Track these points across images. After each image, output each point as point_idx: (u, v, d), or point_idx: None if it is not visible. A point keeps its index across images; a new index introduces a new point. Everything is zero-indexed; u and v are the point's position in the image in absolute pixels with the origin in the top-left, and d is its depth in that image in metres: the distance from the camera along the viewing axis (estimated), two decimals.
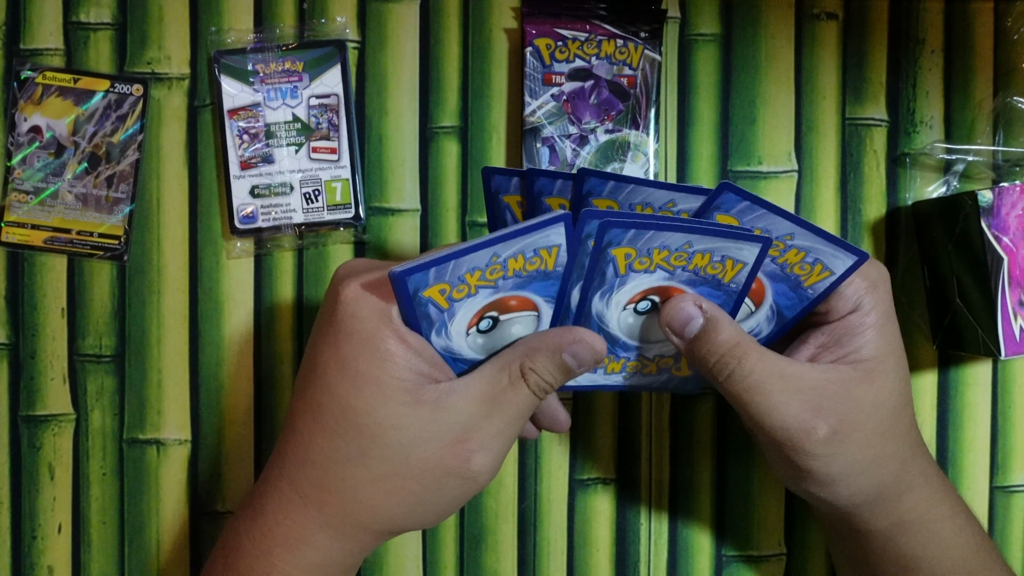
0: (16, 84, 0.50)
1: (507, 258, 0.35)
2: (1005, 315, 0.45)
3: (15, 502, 0.50)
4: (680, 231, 0.36)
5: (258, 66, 0.50)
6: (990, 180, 0.51)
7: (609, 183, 0.36)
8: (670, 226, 0.35)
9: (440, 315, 0.36)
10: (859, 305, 0.39)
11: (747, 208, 0.37)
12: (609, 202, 0.37)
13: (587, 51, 0.49)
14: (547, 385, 0.37)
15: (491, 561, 0.51)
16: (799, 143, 0.51)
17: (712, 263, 0.37)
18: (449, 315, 0.36)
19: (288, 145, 0.50)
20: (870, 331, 0.39)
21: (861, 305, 0.39)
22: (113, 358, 0.50)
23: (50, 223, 0.50)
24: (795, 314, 0.40)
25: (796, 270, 0.39)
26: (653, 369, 0.41)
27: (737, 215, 0.37)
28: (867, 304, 0.39)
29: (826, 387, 0.37)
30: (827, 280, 0.39)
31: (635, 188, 0.37)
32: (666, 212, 0.37)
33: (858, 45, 0.52)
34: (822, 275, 0.39)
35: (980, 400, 0.51)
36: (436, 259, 0.34)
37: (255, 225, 0.50)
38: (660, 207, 0.37)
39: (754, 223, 0.37)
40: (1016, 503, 0.51)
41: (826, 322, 0.40)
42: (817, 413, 0.37)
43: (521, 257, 0.35)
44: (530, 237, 0.35)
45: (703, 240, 0.36)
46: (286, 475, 0.37)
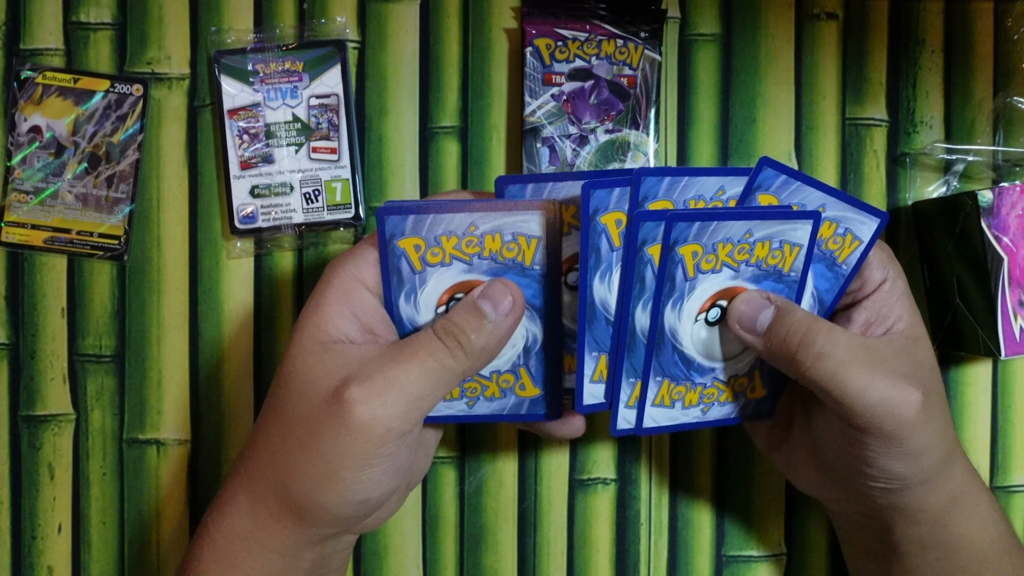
0: (16, 84, 0.50)
1: (484, 233, 0.35)
2: (1005, 315, 0.45)
3: (15, 502, 0.50)
4: (740, 219, 0.36)
5: (258, 66, 0.50)
6: (990, 180, 0.51)
7: (664, 179, 0.36)
8: (731, 215, 0.36)
9: (412, 277, 0.36)
10: (887, 275, 0.40)
11: (784, 183, 0.37)
12: (664, 203, 0.37)
13: (587, 51, 0.49)
14: (458, 331, 0.35)
15: (491, 561, 0.51)
16: (799, 143, 0.51)
17: (772, 252, 0.38)
18: (420, 280, 0.36)
19: (288, 145, 0.50)
20: (904, 298, 0.40)
21: (888, 274, 0.40)
22: (113, 358, 0.50)
23: (50, 223, 0.50)
24: (834, 296, 0.41)
25: (831, 245, 0.39)
26: (729, 395, 0.41)
27: (776, 192, 0.38)
28: (892, 272, 0.40)
29: (901, 355, 0.37)
30: (857, 251, 0.40)
31: (688, 182, 0.37)
32: (717, 203, 0.38)
33: (858, 45, 0.52)
34: (853, 245, 0.39)
35: (980, 400, 0.51)
36: (418, 206, 0.35)
37: (255, 225, 0.50)
38: (712, 198, 0.37)
39: (791, 199, 0.38)
40: (1016, 503, 0.51)
41: (861, 299, 0.40)
42: (907, 380, 0.36)
43: (499, 237, 0.36)
44: (509, 216, 0.35)
45: (762, 226, 0.37)
46: (242, 457, 0.38)
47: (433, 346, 0.35)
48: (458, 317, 0.35)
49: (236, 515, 0.36)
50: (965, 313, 0.47)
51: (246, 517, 0.36)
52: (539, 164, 0.49)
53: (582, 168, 0.49)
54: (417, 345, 0.35)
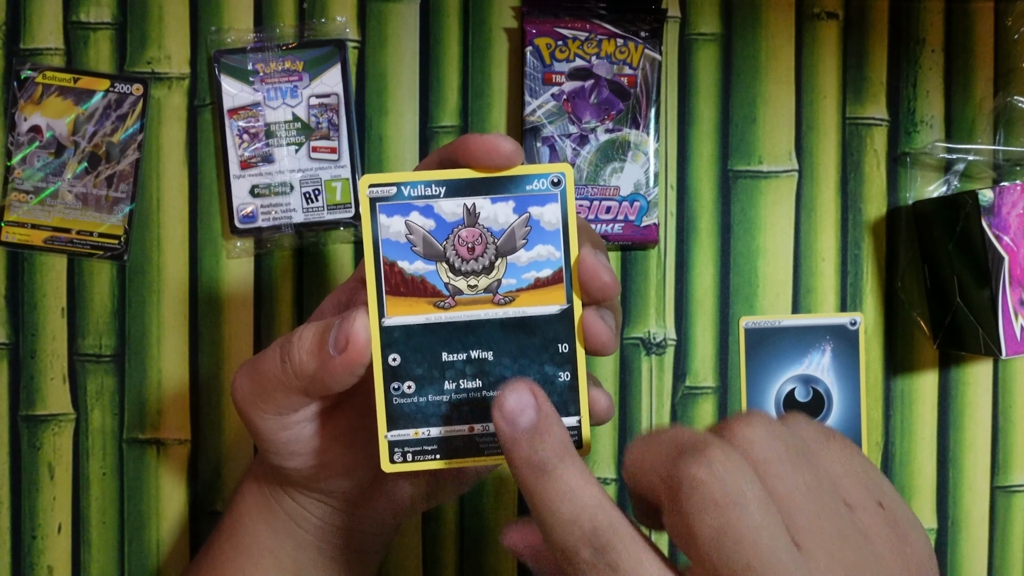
0: (16, 84, 0.50)
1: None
2: (1006, 314, 0.45)
3: (15, 502, 0.50)
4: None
5: (258, 66, 0.50)
6: (991, 179, 0.51)
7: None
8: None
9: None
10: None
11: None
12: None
13: (587, 50, 0.49)
14: (288, 344, 0.33)
15: (491, 561, 0.51)
16: (799, 142, 0.51)
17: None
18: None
19: (288, 145, 0.50)
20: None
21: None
22: (113, 358, 0.50)
23: (50, 223, 0.50)
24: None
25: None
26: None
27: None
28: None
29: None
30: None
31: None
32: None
33: (858, 44, 0.51)
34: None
35: (981, 400, 0.51)
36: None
37: (255, 225, 0.50)
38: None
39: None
40: (1017, 503, 0.51)
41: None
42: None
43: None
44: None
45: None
46: None
47: (278, 342, 0.34)
48: (304, 332, 0.34)
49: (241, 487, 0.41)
50: (966, 312, 0.47)
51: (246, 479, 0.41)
52: (539, 164, 0.49)
53: (583, 168, 0.49)
54: (269, 355, 0.34)
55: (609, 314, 0.33)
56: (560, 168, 0.32)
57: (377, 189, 0.32)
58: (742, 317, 0.51)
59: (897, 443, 0.51)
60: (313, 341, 0.33)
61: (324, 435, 0.36)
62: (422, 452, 0.33)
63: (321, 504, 0.39)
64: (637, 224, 0.49)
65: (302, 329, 0.34)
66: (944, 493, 0.51)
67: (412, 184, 0.32)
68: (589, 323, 0.32)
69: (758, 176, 0.51)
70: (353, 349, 0.31)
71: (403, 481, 0.39)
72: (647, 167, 0.49)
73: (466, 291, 0.33)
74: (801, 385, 0.51)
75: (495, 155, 0.31)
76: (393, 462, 0.33)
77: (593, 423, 0.33)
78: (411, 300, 0.32)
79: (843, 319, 0.51)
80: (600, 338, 0.32)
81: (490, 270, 0.33)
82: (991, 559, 0.51)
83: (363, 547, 0.41)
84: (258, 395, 0.34)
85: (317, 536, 0.40)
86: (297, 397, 0.34)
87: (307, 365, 0.33)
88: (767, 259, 0.51)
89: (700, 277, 0.51)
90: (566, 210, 0.32)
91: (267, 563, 0.40)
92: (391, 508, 0.40)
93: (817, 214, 0.51)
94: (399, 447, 0.33)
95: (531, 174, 0.32)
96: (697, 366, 0.51)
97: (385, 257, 0.32)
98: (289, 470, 0.37)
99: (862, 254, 0.51)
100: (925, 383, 0.51)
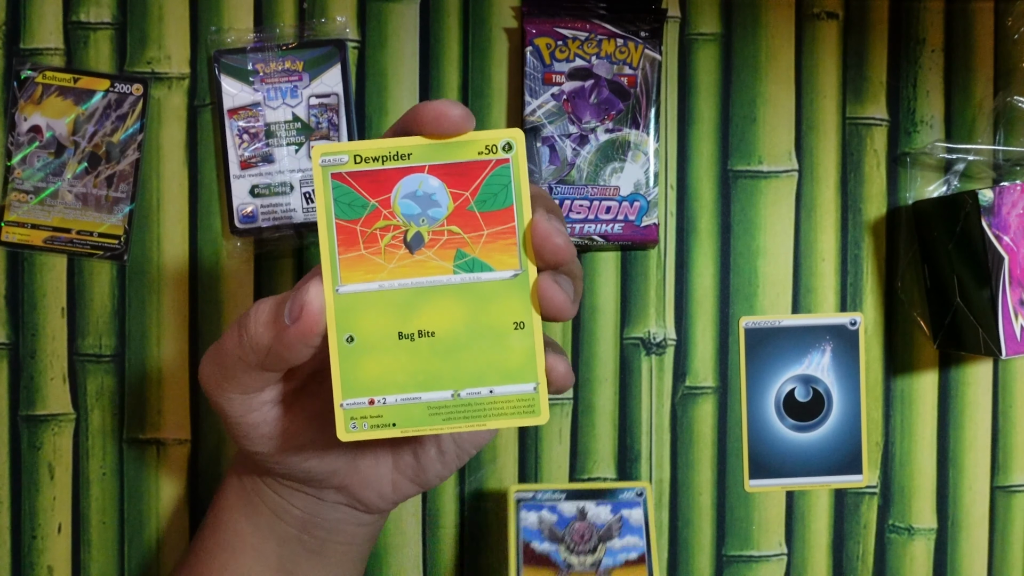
0: (16, 84, 0.50)
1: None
2: (1006, 314, 0.45)
3: (15, 502, 0.50)
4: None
5: (258, 66, 0.50)
6: (991, 179, 0.51)
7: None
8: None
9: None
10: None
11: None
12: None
13: (587, 50, 0.49)
14: (249, 322, 0.33)
15: (491, 561, 0.51)
16: (799, 142, 0.51)
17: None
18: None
19: (288, 145, 0.50)
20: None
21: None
22: (113, 358, 0.50)
23: (50, 223, 0.50)
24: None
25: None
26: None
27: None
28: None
29: None
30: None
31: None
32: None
33: (858, 44, 0.51)
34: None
35: (981, 400, 0.51)
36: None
37: (255, 225, 0.50)
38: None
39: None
40: (1017, 503, 0.51)
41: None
42: None
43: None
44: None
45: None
46: None
47: (237, 319, 0.34)
48: (260, 305, 0.33)
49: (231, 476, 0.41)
50: (966, 312, 0.47)
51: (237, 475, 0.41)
52: (539, 164, 0.49)
53: (582, 168, 0.49)
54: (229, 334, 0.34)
55: (566, 279, 0.33)
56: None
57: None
58: (742, 317, 0.51)
59: (897, 443, 0.51)
60: (268, 313, 0.32)
61: (293, 417, 0.36)
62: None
63: (302, 495, 0.39)
64: (637, 224, 0.49)
65: (260, 302, 0.33)
66: (944, 493, 0.51)
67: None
68: (544, 288, 0.32)
69: (758, 176, 0.51)
70: (307, 317, 0.31)
71: (382, 464, 0.39)
72: (647, 167, 0.49)
73: (576, 566, 0.44)
74: (801, 385, 0.51)
75: (444, 121, 0.31)
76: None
77: (551, 391, 0.33)
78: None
79: (843, 319, 0.51)
80: (555, 303, 0.32)
81: (594, 551, 0.45)
82: (991, 559, 0.51)
83: (349, 538, 0.41)
84: (221, 376, 0.34)
85: (300, 528, 0.39)
86: (256, 373, 0.33)
87: (263, 337, 0.32)
88: (767, 259, 0.51)
89: (700, 277, 0.51)
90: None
91: (249, 558, 0.40)
92: (374, 495, 0.39)
93: (817, 214, 0.51)
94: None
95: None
96: (697, 366, 0.51)
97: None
98: (261, 456, 0.36)
99: (862, 254, 0.51)
100: (925, 383, 0.51)
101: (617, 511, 0.45)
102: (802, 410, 0.51)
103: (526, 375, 0.32)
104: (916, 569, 0.51)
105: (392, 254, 0.32)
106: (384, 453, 0.39)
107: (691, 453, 0.51)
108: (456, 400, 0.32)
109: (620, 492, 0.46)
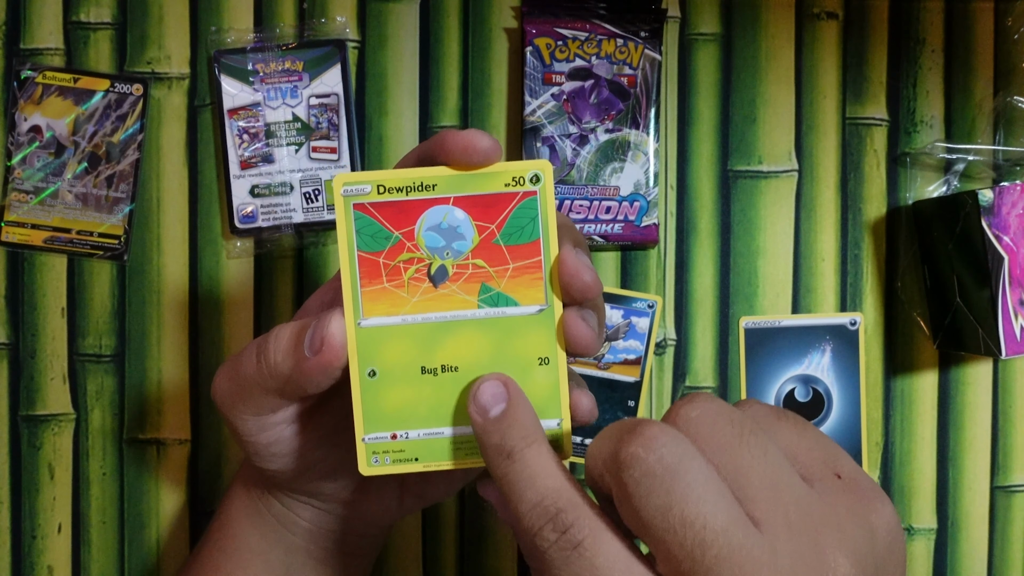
0: (16, 84, 0.50)
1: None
2: (1006, 314, 0.45)
3: (15, 502, 0.50)
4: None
5: (258, 66, 0.50)
6: (990, 179, 0.51)
7: None
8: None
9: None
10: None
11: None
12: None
13: (587, 50, 0.49)
14: (265, 344, 0.33)
15: (491, 561, 0.51)
16: (799, 142, 0.51)
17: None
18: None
19: (288, 145, 0.50)
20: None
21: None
22: (113, 358, 0.50)
23: (50, 223, 0.50)
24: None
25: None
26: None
27: None
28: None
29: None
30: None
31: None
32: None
33: (858, 44, 0.51)
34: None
35: (981, 400, 0.51)
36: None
37: (255, 225, 0.50)
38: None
39: None
40: (1017, 503, 0.51)
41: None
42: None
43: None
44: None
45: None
46: None
47: (255, 341, 0.34)
48: (280, 332, 0.33)
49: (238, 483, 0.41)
50: (966, 312, 0.47)
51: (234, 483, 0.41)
52: None
53: (582, 168, 0.49)
54: (246, 354, 0.34)
55: (591, 314, 0.32)
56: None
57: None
58: (742, 317, 0.51)
59: (897, 443, 0.51)
60: (289, 341, 0.32)
61: (306, 437, 0.36)
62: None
63: (309, 507, 0.39)
64: (637, 224, 0.49)
65: (279, 328, 0.33)
66: (944, 493, 0.51)
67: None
68: (570, 324, 0.31)
69: (758, 176, 0.51)
70: (328, 351, 0.31)
71: (392, 482, 0.39)
72: (647, 167, 0.49)
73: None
74: (801, 385, 0.51)
75: (472, 152, 0.31)
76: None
77: (575, 425, 0.33)
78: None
79: (843, 319, 0.51)
80: (582, 340, 0.31)
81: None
82: (991, 559, 0.51)
83: (354, 549, 0.41)
84: (236, 396, 0.34)
85: (306, 539, 0.39)
86: (274, 398, 0.33)
87: (282, 366, 0.32)
88: (767, 259, 0.51)
89: (700, 277, 0.51)
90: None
91: (256, 567, 0.39)
92: (381, 509, 0.39)
93: (817, 214, 0.51)
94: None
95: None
96: (697, 366, 0.51)
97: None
98: (272, 472, 0.36)
99: (862, 254, 0.51)
100: (925, 383, 0.51)
101: (628, 316, 0.49)
102: (802, 410, 0.51)
103: (550, 411, 0.32)
104: (916, 569, 0.51)
105: (416, 287, 0.32)
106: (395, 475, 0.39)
107: None
108: None
109: (633, 301, 0.49)
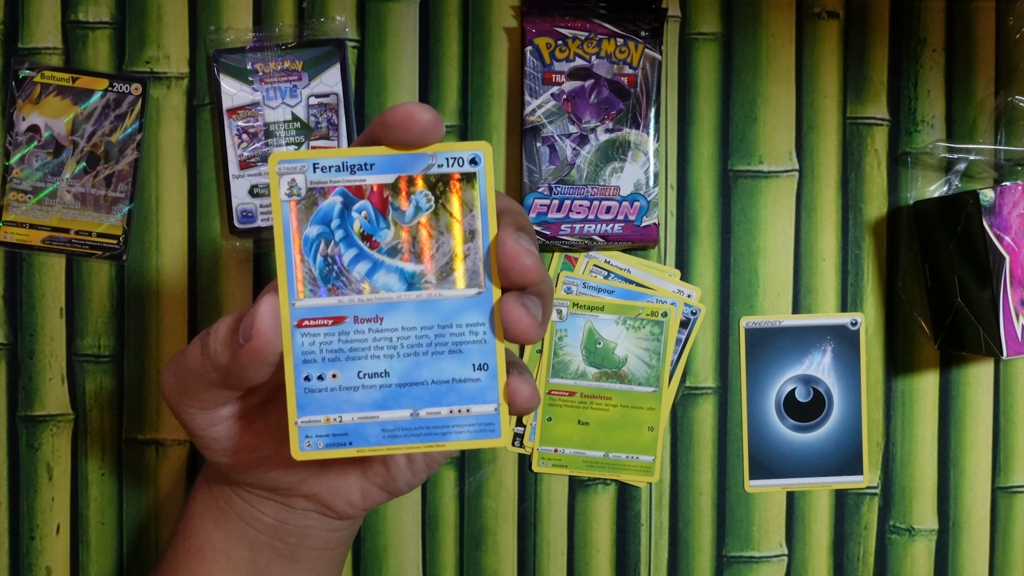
0: (14, 83, 0.50)
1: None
2: (1007, 315, 0.45)
3: (13, 502, 0.50)
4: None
5: (257, 65, 0.49)
6: (992, 179, 0.51)
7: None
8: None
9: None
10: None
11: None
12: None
13: (587, 50, 0.49)
14: (209, 340, 0.32)
15: (491, 561, 0.51)
16: (800, 142, 0.51)
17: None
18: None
19: (288, 144, 0.50)
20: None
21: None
22: (112, 358, 0.50)
23: (48, 223, 0.50)
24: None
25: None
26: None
27: None
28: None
29: None
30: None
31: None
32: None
33: (859, 44, 0.51)
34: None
35: (982, 400, 0.51)
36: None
37: (254, 224, 0.49)
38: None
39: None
40: (1018, 504, 0.51)
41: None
42: None
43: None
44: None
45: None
46: None
47: (200, 334, 0.34)
48: (220, 323, 0.33)
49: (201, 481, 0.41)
50: (967, 313, 0.47)
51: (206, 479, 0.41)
52: (539, 164, 0.48)
53: (582, 168, 0.49)
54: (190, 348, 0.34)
55: (534, 300, 0.32)
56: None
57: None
58: (742, 317, 0.51)
59: (898, 444, 0.51)
60: (226, 331, 0.32)
61: (256, 430, 0.35)
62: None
63: (271, 502, 0.39)
64: (637, 224, 0.49)
65: (222, 319, 0.32)
66: (945, 494, 0.51)
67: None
68: (508, 310, 0.31)
69: (758, 176, 0.51)
70: (259, 337, 0.30)
71: (351, 472, 0.38)
72: (647, 167, 0.49)
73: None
74: (801, 385, 0.51)
75: (412, 123, 0.30)
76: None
77: (514, 412, 0.32)
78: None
79: (844, 319, 0.51)
80: (518, 325, 0.31)
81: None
82: (992, 560, 0.51)
83: (321, 543, 0.40)
84: (182, 390, 0.33)
85: (271, 535, 0.39)
86: (218, 391, 0.33)
87: (221, 356, 0.31)
88: (767, 259, 0.51)
89: (700, 277, 0.51)
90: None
91: (221, 566, 0.39)
92: (343, 502, 0.39)
93: (817, 214, 0.51)
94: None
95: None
96: (697, 366, 0.51)
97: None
98: (226, 466, 0.36)
99: (863, 254, 0.51)
100: (926, 383, 0.51)
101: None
102: (802, 410, 0.51)
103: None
104: (917, 570, 0.51)
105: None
106: (353, 462, 0.39)
107: (691, 453, 0.51)
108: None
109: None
